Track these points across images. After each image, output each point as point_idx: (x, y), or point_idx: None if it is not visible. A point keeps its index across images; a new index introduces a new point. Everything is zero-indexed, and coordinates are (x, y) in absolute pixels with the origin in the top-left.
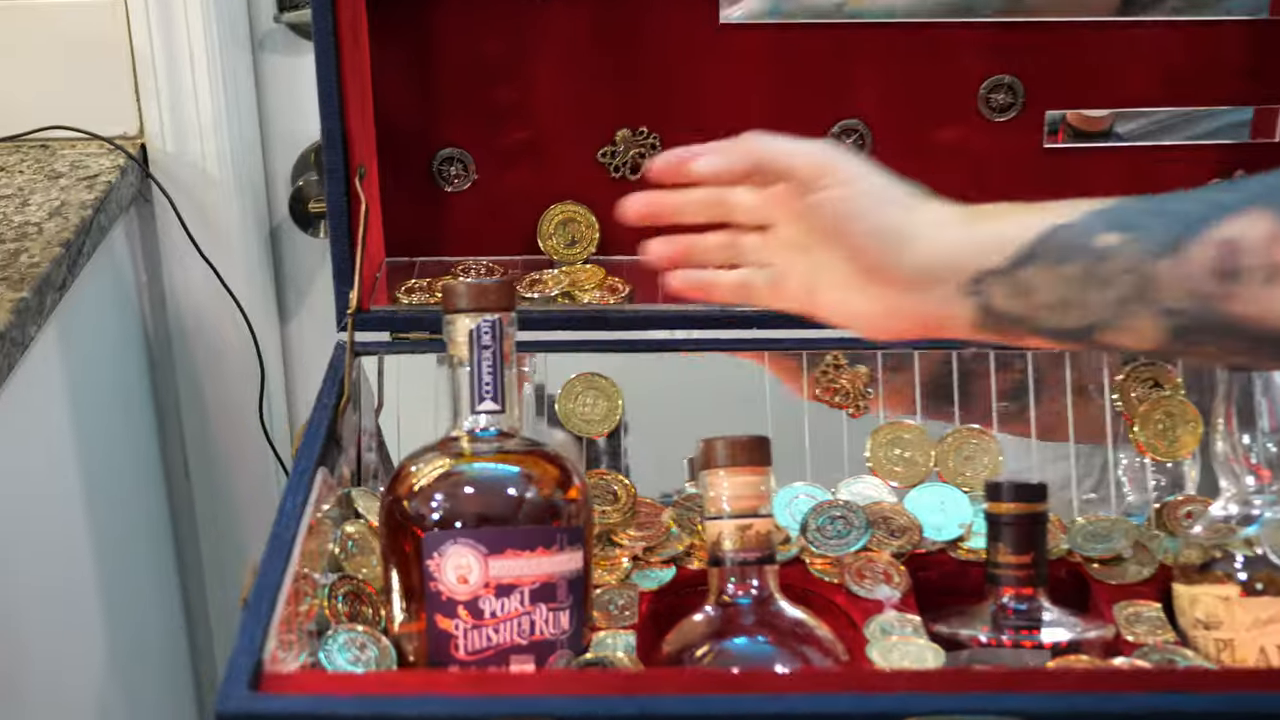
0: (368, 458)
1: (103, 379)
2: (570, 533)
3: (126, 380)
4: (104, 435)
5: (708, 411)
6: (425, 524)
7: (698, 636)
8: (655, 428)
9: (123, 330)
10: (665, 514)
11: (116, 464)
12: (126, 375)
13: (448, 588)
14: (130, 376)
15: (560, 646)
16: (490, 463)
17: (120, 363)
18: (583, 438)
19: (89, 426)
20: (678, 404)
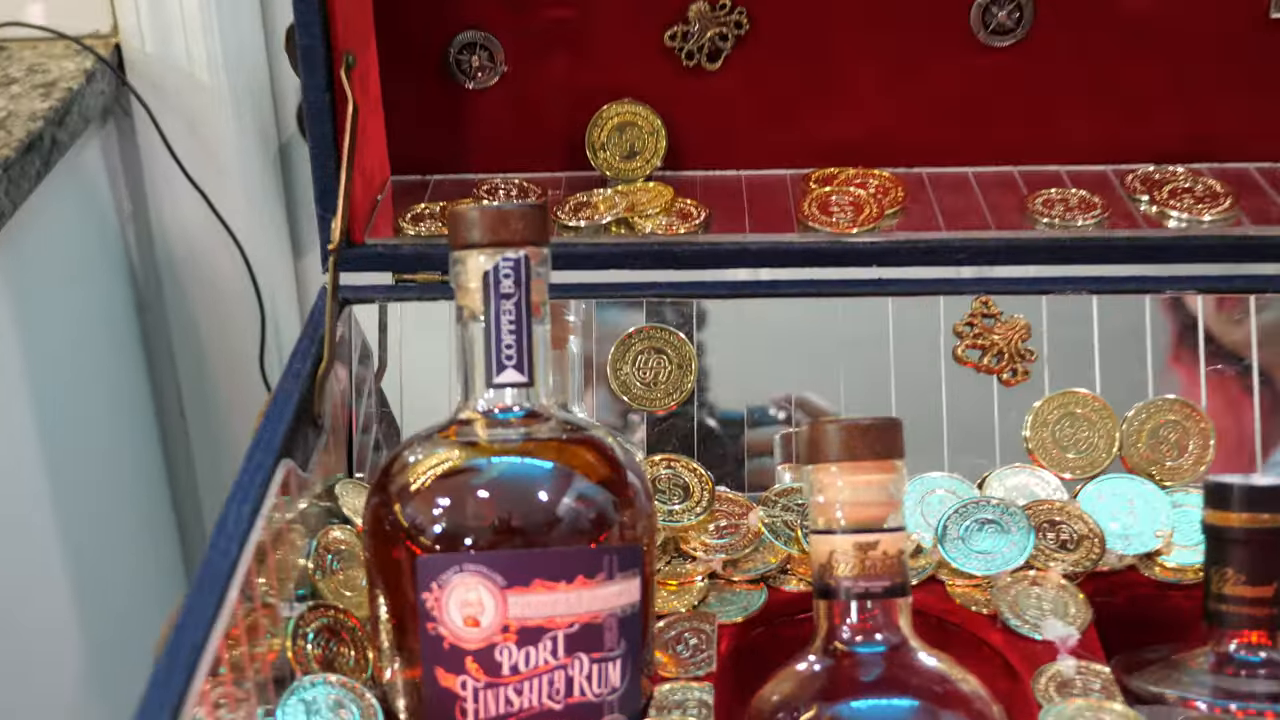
0: (363, 440)
1: (74, 324)
2: (624, 553)
3: (110, 326)
4: (81, 388)
5: (810, 377)
6: (423, 541)
7: (802, 695)
8: (740, 399)
9: (105, 267)
10: (753, 514)
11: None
12: (111, 320)
13: (452, 631)
14: (116, 322)
15: (608, 710)
16: (513, 456)
17: (103, 306)
18: (643, 414)
19: (58, 376)
20: (770, 367)
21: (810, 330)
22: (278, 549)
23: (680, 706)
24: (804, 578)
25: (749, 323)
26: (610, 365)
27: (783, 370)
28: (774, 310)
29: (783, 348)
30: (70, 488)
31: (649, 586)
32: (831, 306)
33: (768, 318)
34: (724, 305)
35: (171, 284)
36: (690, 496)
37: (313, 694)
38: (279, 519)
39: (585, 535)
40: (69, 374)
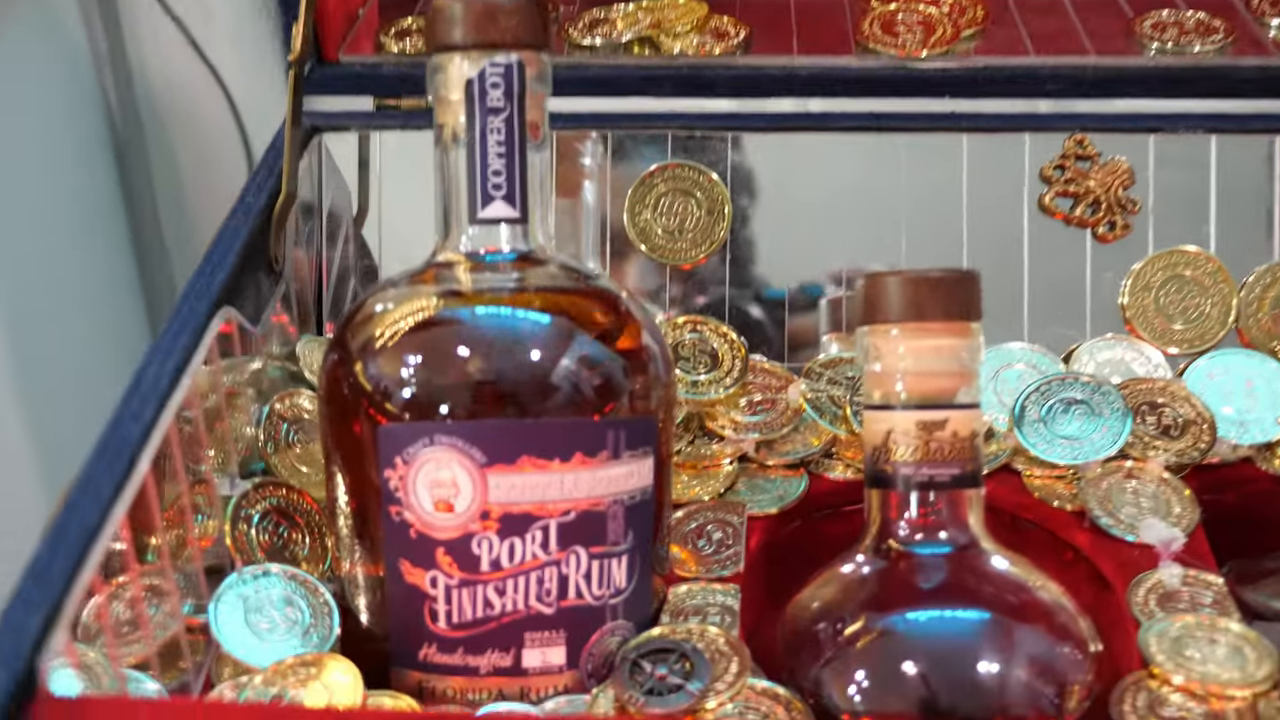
0: (337, 295)
1: (46, 166)
2: (633, 427)
3: (89, 170)
4: (56, 236)
5: (865, 229)
6: (388, 408)
7: (847, 604)
8: (781, 252)
9: (79, 108)
10: (793, 388)
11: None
12: (89, 164)
13: (420, 517)
14: (94, 166)
15: (610, 616)
16: (501, 306)
17: (78, 149)
18: (666, 266)
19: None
20: (818, 216)
21: (867, 173)
22: (215, 415)
23: (700, 612)
24: (852, 463)
25: (794, 162)
26: (628, 209)
27: (833, 220)
28: (824, 148)
29: (834, 193)
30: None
31: (664, 469)
32: (893, 145)
33: (817, 157)
34: (764, 141)
35: (153, 126)
36: (719, 365)
37: (253, 587)
38: (219, 380)
39: (587, 405)
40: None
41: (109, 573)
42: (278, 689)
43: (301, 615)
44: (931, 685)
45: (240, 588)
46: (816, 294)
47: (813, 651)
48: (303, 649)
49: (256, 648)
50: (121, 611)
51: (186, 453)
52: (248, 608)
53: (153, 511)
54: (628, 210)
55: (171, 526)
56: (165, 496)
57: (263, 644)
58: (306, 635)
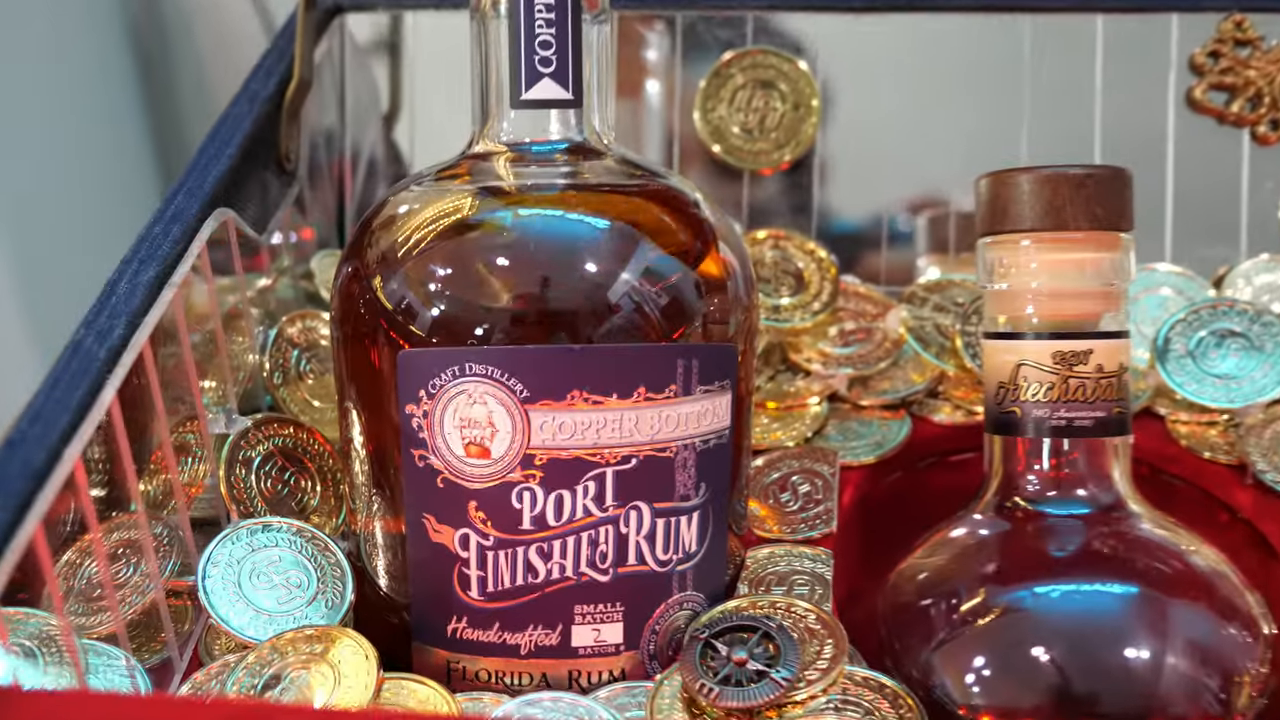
0: (362, 203)
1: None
2: (709, 357)
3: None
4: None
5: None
6: (412, 330)
7: (962, 575)
8: (877, 153)
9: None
10: (893, 315)
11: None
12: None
13: (449, 464)
14: (109, 61)
15: (679, 587)
16: (549, 208)
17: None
18: (744, 172)
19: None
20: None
21: (983, 60)
22: (209, 338)
23: (784, 581)
24: (963, 403)
25: (896, 48)
26: (700, 105)
27: (941, 117)
28: (932, 30)
29: (944, 82)
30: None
31: (744, 408)
32: (1016, 26)
33: (923, 41)
34: (861, 22)
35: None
36: (805, 288)
37: (250, 544)
38: (212, 295)
39: (652, 328)
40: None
41: (74, 527)
42: (275, 670)
43: (308, 579)
44: (1067, 674)
45: (235, 545)
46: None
47: (922, 632)
48: (309, 620)
49: (253, 618)
50: (92, 572)
51: (171, 382)
52: (243, 569)
53: (121, 452)
54: (699, 106)
55: (153, 472)
56: (148, 435)
57: (260, 614)
58: (313, 603)
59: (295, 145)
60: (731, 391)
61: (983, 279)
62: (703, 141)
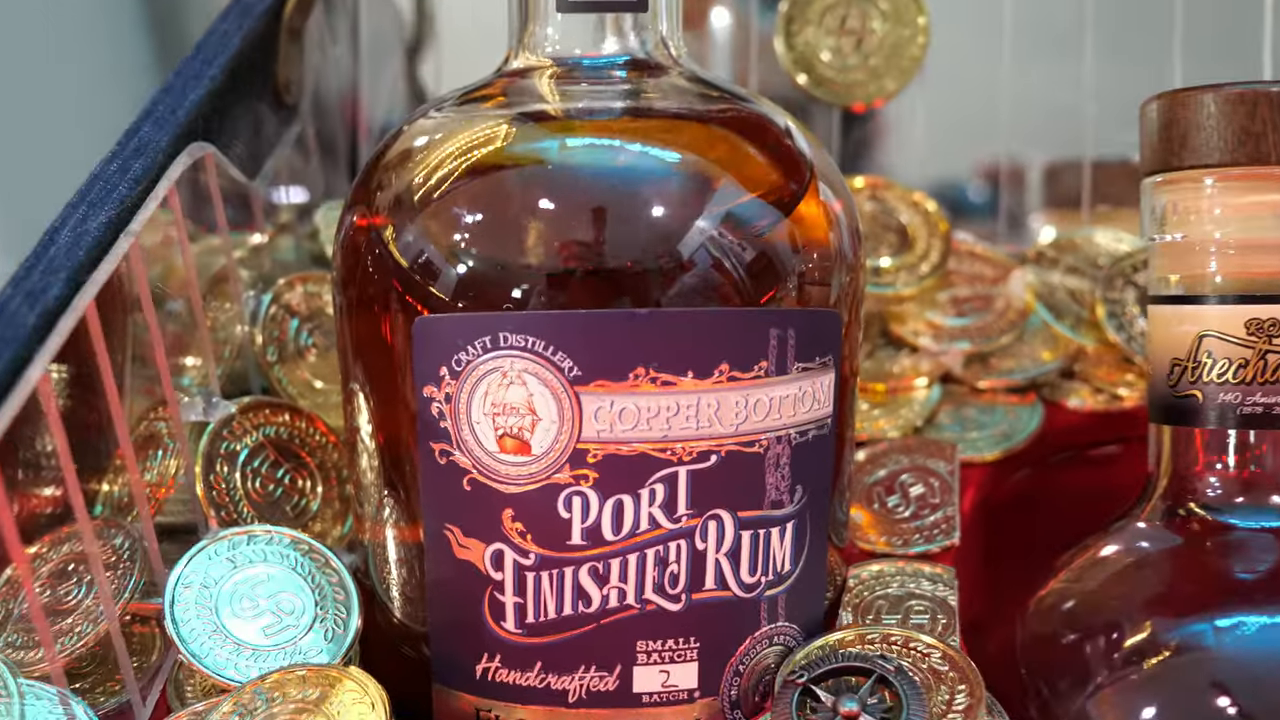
0: None
1: None
2: (810, 325)
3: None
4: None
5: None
6: (431, 290)
7: (1125, 601)
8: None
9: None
10: (1016, 279)
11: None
12: None
13: (479, 460)
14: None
15: (769, 617)
16: (604, 138)
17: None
18: (833, 109)
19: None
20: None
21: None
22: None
23: (898, 607)
24: (1105, 385)
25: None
26: (782, 27)
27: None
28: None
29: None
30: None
31: (848, 391)
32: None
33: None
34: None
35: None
36: (910, 246)
37: (229, 559)
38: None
39: (735, 290)
40: None
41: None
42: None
43: (304, 603)
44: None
45: (213, 560)
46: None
47: (1074, 675)
48: (304, 655)
49: (234, 653)
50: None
51: (141, 357)
52: (223, 591)
53: (60, 445)
54: (781, 28)
55: (119, 469)
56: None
57: (242, 648)
58: (310, 634)
59: (297, 74)
60: (835, 370)
61: (1150, 229)
62: (785, 71)
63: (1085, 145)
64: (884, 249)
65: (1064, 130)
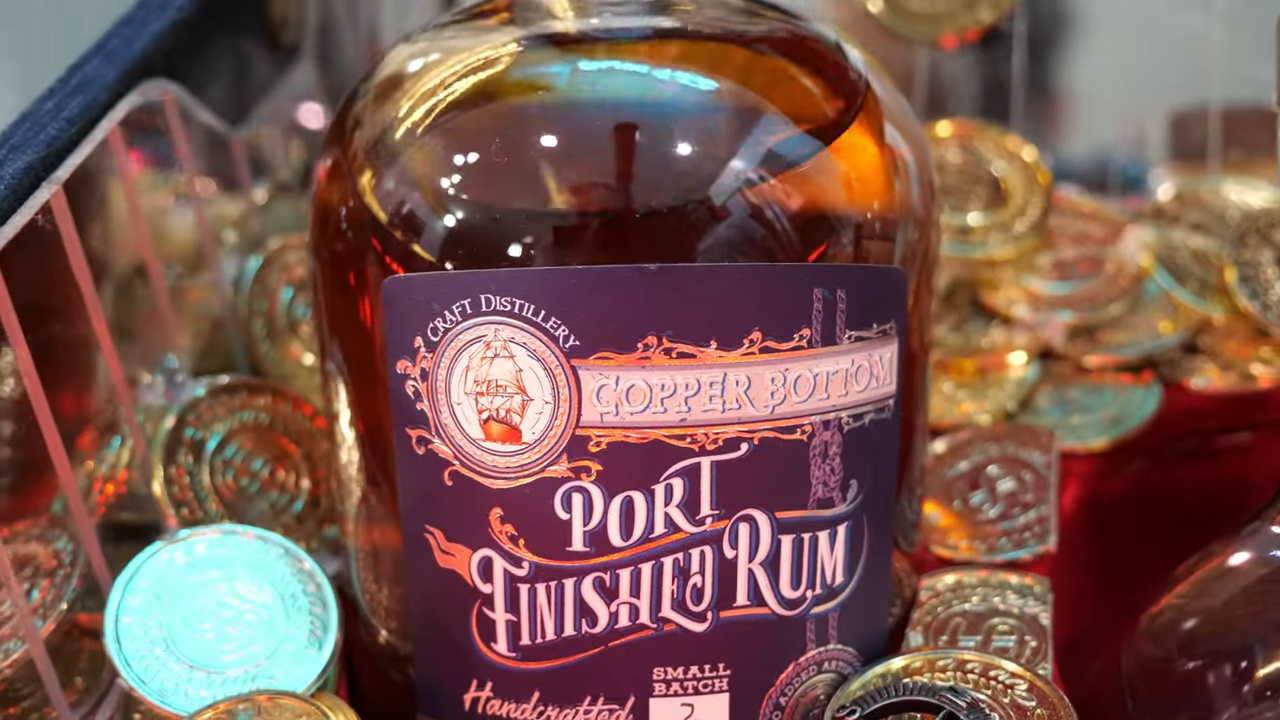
0: None
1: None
2: (867, 284)
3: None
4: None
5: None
6: (412, 248)
7: (1257, 622)
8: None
9: None
10: (1131, 237)
11: None
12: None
13: (460, 448)
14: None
15: (817, 639)
16: (626, 62)
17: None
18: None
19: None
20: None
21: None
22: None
23: (978, 626)
24: (1237, 362)
25: None
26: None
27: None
28: None
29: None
30: None
31: (917, 367)
32: None
33: None
34: None
35: None
36: (1005, 201)
37: (187, 565)
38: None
39: (779, 243)
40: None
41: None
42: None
43: (273, 616)
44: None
45: (168, 567)
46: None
47: (1192, 710)
48: (271, 678)
49: (185, 677)
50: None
51: (65, 330)
52: (177, 603)
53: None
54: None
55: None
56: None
57: (196, 670)
58: (278, 655)
59: (295, 10)
60: (899, 341)
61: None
62: (857, 3)
63: (1213, 81)
64: (973, 204)
65: (1190, 63)
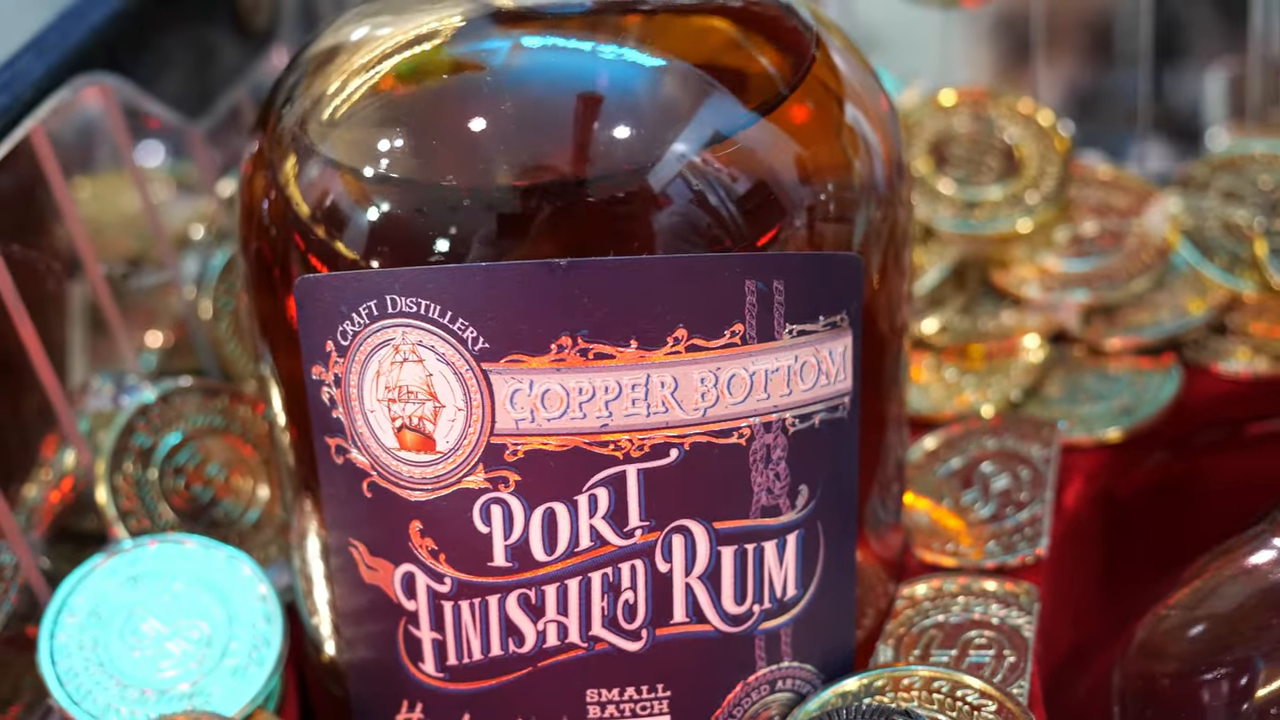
0: None
1: None
2: (808, 272)
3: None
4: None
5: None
6: (335, 245)
7: (1263, 632)
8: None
9: None
10: (1156, 208)
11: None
12: None
13: (375, 458)
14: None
15: (767, 658)
16: (570, 38)
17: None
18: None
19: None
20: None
21: None
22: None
23: (955, 639)
24: (1269, 344)
25: None
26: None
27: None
28: None
29: None
30: None
31: (884, 358)
32: None
33: None
34: None
35: None
36: (1019, 172)
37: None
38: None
39: (725, 230)
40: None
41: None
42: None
43: (214, 630)
44: None
45: (108, 580)
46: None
47: None
48: (206, 698)
49: (118, 696)
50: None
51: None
52: (117, 618)
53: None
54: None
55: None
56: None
57: (128, 689)
58: (217, 671)
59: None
60: (853, 332)
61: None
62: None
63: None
64: (986, 176)
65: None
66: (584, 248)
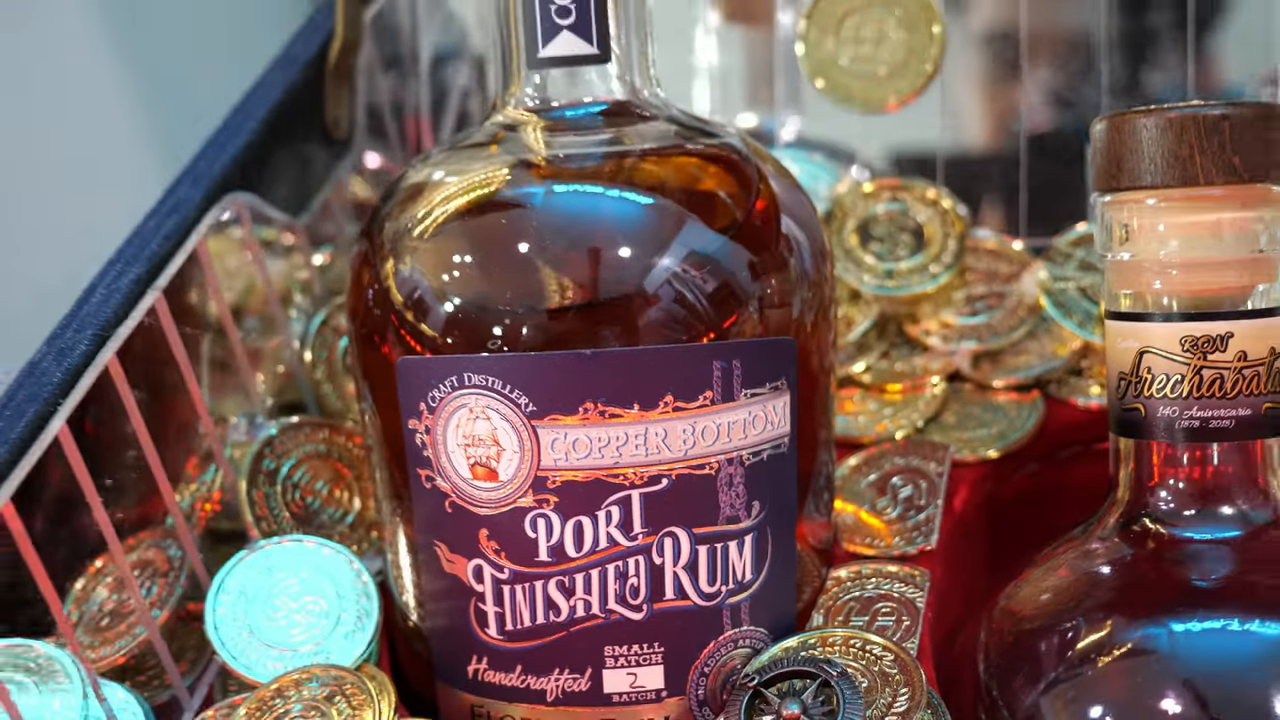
0: None
1: None
2: (757, 354)
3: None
4: None
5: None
6: (422, 328)
7: (1084, 601)
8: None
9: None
10: (1029, 276)
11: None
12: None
13: (455, 485)
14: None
15: (732, 622)
16: (579, 184)
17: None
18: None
19: None
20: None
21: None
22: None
23: (867, 609)
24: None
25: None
26: (806, 35)
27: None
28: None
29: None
30: None
31: (815, 406)
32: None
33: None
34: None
35: None
36: (925, 246)
37: (265, 567)
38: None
39: (695, 318)
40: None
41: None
42: (276, 716)
43: (330, 606)
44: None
45: (249, 570)
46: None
47: (1029, 670)
48: (327, 654)
49: (262, 653)
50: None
51: (170, 395)
52: (258, 596)
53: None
54: (807, 37)
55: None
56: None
57: (271, 649)
58: (334, 634)
59: (345, 111)
60: (790, 392)
61: (1102, 246)
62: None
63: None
64: (901, 250)
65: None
66: (600, 337)
